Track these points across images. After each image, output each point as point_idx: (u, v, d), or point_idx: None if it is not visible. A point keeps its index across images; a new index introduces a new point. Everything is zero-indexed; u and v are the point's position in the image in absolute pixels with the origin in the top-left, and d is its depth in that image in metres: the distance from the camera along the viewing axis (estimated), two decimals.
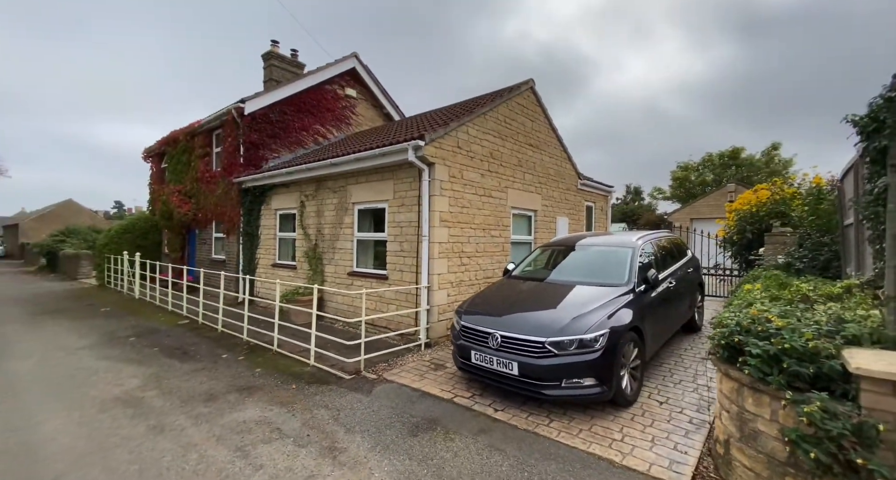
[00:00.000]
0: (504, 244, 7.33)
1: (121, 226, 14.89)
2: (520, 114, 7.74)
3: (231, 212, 10.42)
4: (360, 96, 12.61)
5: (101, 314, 8.83)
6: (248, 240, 10.03)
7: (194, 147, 12.21)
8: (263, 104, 10.15)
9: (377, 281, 6.74)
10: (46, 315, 8.72)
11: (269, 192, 9.59)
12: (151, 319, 8.30)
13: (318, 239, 8.15)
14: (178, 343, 6.45)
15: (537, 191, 8.25)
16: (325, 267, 7.95)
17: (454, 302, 6.20)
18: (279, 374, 4.92)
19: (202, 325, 7.66)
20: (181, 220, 12.20)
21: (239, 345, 6.29)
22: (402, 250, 6.31)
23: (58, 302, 10.42)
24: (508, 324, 3.77)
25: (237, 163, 10.20)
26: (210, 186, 11.32)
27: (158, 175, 15.30)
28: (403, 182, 6.29)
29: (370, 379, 4.63)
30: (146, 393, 4.35)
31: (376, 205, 6.93)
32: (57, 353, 5.80)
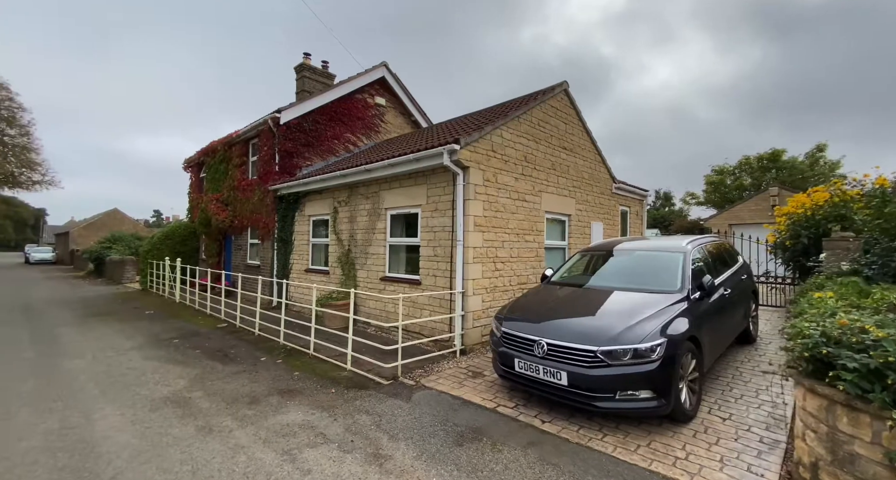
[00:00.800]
0: (538, 249, 7.16)
1: (162, 232, 15.65)
2: (553, 117, 7.60)
3: (266, 218, 10.73)
4: (389, 104, 12.81)
5: (146, 317, 9.23)
6: (283, 245, 10.28)
7: (232, 156, 12.71)
8: (297, 114, 10.46)
9: (410, 286, 6.71)
10: (96, 317, 9.19)
11: (302, 199, 9.82)
12: (192, 322, 8.59)
13: (350, 244, 8.24)
14: (218, 345, 6.62)
15: (571, 195, 8.05)
16: (357, 272, 8.01)
17: (489, 309, 6.08)
18: (317, 378, 4.93)
19: (240, 328, 7.85)
20: (219, 227, 12.67)
21: (276, 349, 6.39)
22: (436, 255, 6.26)
23: (106, 305, 10.98)
24: (554, 331, 3.62)
25: (272, 170, 10.52)
26: (246, 194, 11.72)
27: (197, 184, 16.01)
28: (437, 186, 6.27)
29: (408, 386, 4.57)
30: (192, 393, 4.44)
31: (409, 210, 6.93)
32: (108, 353, 6.06)
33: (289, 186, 9.75)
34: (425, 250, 6.46)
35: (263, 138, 10.99)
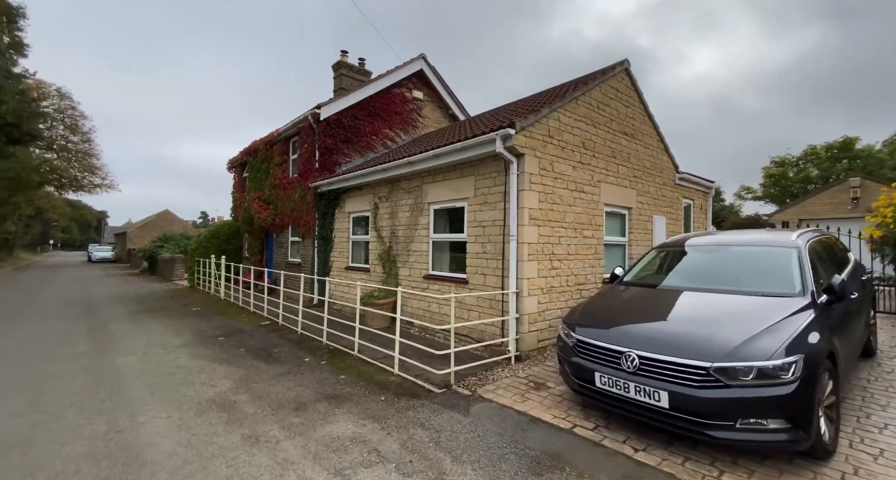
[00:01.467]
0: (597, 246, 6.49)
1: (208, 231, 16.18)
2: (613, 99, 6.89)
3: (307, 216, 10.67)
4: (427, 98, 12.45)
5: (193, 313, 9.39)
6: (323, 243, 10.17)
7: (273, 155, 12.84)
8: (337, 110, 10.31)
9: (455, 285, 6.27)
10: (147, 313, 9.46)
11: (342, 196, 9.64)
12: (236, 319, 8.61)
13: (391, 241, 7.92)
14: (262, 344, 6.48)
15: (632, 185, 7.29)
16: (399, 270, 7.67)
17: (545, 311, 5.52)
18: (364, 383, 4.59)
19: (282, 326, 7.74)
20: (261, 225, 12.84)
21: (319, 349, 6.15)
22: (485, 252, 5.77)
23: (156, 302, 11.37)
24: (646, 342, 3.03)
25: (312, 168, 10.44)
26: (287, 192, 11.77)
27: (240, 184, 16.42)
28: (486, 178, 5.78)
29: (464, 396, 4.11)
30: (238, 396, 4.22)
31: (454, 205, 6.49)
32: (157, 350, 6.05)
33: (329, 183, 9.60)
34: (473, 246, 5.99)
35: (303, 135, 10.96)
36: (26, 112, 15.50)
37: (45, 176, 27.00)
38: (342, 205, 9.66)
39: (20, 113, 15.07)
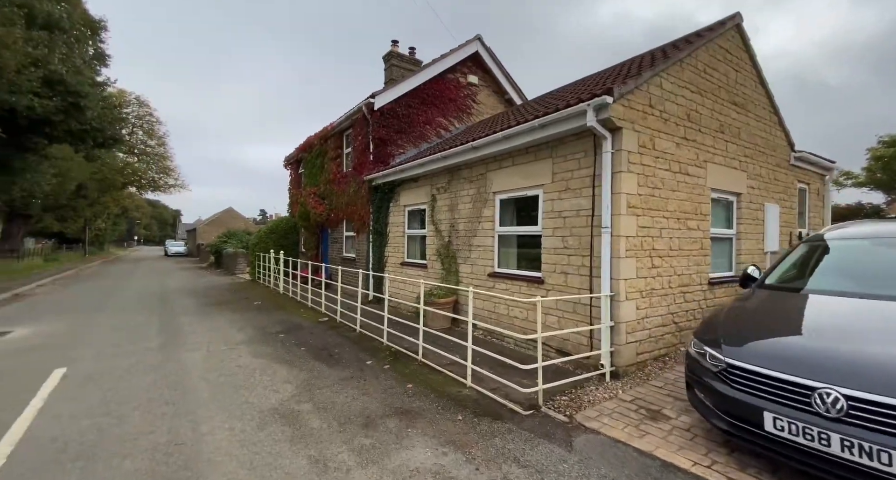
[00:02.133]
0: (702, 240, 5.42)
1: (267, 227, 16.71)
2: (722, 62, 5.71)
3: (361, 210, 10.42)
4: (482, 83, 11.68)
5: (254, 308, 9.48)
6: (378, 237, 9.85)
7: (327, 150, 12.79)
8: (390, 98, 9.89)
9: (528, 284, 5.53)
10: (213, 306, 9.71)
11: (397, 188, 9.22)
12: (294, 314, 8.53)
13: (451, 235, 7.33)
14: (321, 343, 6.20)
15: (741, 167, 6.06)
16: (459, 267, 7.07)
17: (644, 319, 4.61)
18: (435, 396, 4.04)
19: (340, 324, 7.47)
20: (316, 220, 12.89)
21: (380, 350, 5.73)
22: (566, 247, 4.97)
23: (221, 295, 11.76)
24: (852, 373, 2.13)
25: (367, 160, 10.14)
26: (341, 186, 11.63)
27: (296, 180, 16.75)
28: (568, 159, 4.96)
29: (559, 422, 3.40)
30: (301, 405, 3.84)
31: (525, 193, 5.73)
32: (221, 347, 5.95)
33: (384, 175, 9.21)
34: (550, 241, 5.21)
35: (357, 127, 10.69)
36: (109, 117, 16.87)
37: (127, 177, 29.83)
38: (397, 199, 9.24)
39: (104, 118, 16.44)
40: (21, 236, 25.29)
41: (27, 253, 24.10)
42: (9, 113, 12.89)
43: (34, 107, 13.24)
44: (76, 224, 32.19)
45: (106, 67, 19.28)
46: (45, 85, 13.79)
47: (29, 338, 6.50)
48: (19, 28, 11.31)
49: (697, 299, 5.33)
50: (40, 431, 3.29)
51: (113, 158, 26.90)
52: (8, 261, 19.51)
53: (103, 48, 18.93)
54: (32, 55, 12.56)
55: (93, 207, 30.19)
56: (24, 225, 25.57)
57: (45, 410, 3.71)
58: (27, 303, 10.18)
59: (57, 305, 9.93)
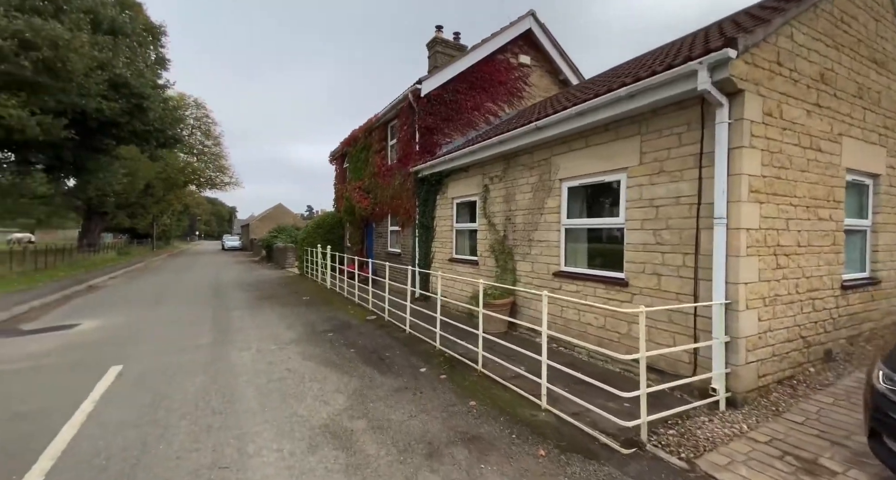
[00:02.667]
0: (835, 233, 4.33)
1: (314, 222, 16.90)
2: (861, 9, 4.52)
3: (406, 203, 9.99)
4: (535, 63, 10.76)
5: (303, 303, 9.39)
6: (424, 232, 9.36)
7: (371, 142, 12.50)
8: (438, 83, 9.30)
9: (605, 287, 4.74)
10: (264, 300, 9.74)
11: (445, 180, 8.65)
12: (342, 310, 8.29)
13: (507, 229, 6.65)
14: (371, 344, 5.81)
15: (881, 141, 4.83)
16: (517, 265, 6.38)
17: (767, 332, 3.68)
18: (506, 419, 3.43)
19: (388, 323, 7.08)
20: (361, 215, 12.69)
21: (433, 355, 5.23)
22: (659, 243, 4.13)
23: (271, 289, 11.90)
24: None
25: (412, 151, 9.66)
26: (386, 179, 11.27)
27: (341, 175, 16.74)
28: (663, 136, 4.09)
29: (676, 469, 2.65)
30: (354, 422, 3.40)
31: (601, 179, 4.91)
32: (270, 346, 5.73)
33: (430, 166, 8.67)
34: (637, 235, 4.38)
35: (402, 117, 10.22)
36: (170, 118, 17.81)
37: (188, 176, 31.85)
38: (444, 191, 8.68)
39: (165, 119, 17.37)
40: (98, 232, 27.79)
41: (104, 248, 26.45)
42: (80, 115, 13.83)
43: (102, 110, 14.12)
44: (145, 220, 35.01)
45: (166, 71, 20.37)
46: (112, 88, 14.67)
47: (93, 332, 6.69)
48: (86, 33, 12.01)
49: (828, 307, 4.28)
50: (84, 443, 3.08)
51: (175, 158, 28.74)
52: (87, 255, 21.41)
53: (163, 53, 19.99)
54: (98, 59, 13.35)
55: (159, 205, 32.60)
56: (100, 221, 28.07)
57: (94, 415, 3.54)
58: (98, 295, 10.82)
59: (123, 297, 10.45)
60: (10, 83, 11.44)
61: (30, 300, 9.28)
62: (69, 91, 12.58)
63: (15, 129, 11.66)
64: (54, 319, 7.74)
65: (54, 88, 12.14)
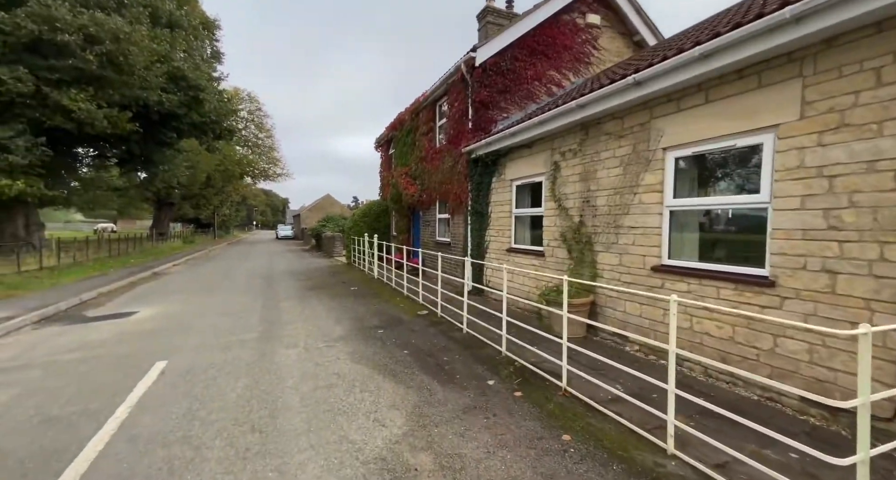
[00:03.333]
0: None
1: (360, 210, 16.64)
2: None
3: (457, 188, 9.14)
4: (605, 23, 9.31)
5: (351, 293, 8.95)
6: (477, 219, 8.48)
7: (418, 124, 11.74)
8: (495, 50, 8.25)
9: (737, 287, 3.59)
10: (312, 290, 9.45)
11: (502, 159, 7.67)
12: (391, 303, 7.70)
13: (584, 214, 5.59)
14: (426, 344, 5.11)
15: None
16: (597, 256, 5.33)
17: None
18: (618, 466, 2.53)
19: (442, 319, 6.35)
20: (408, 202, 12.05)
21: (500, 364, 4.39)
22: (834, 226, 2.94)
23: (320, 278, 11.69)
24: None
25: (464, 130, 8.74)
26: (434, 163, 10.48)
27: (387, 161, 16.25)
28: (845, 75, 2.87)
29: None
30: (417, 456, 2.66)
31: (730, 143, 3.72)
32: (318, 344, 5.21)
33: (486, 144, 7.72)
34: (793, 217, 3.19)
35: (454, 93, 9.31)
36: (224, 110, 18.28)
37: (243, 168, 33.33)
38: (502, 172, 7.71)
39: (220, 111, 17.85)
40: (167, 221, 29.97)
41: (171, 236, 28.44)
42: (143, 108, 14.40)
43: (162, 102, 14.60)
44: (207, 211, 37.37)
45: (220, 64, 20.94)
46: (170, 80, 15.13)
47: (147, 320, 6.61)
48: (145, 26, 12.28)
49: None
50: (107, 465, 2.61)
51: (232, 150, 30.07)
52: (156, 244, 22.99)
53: (218, 46, 20.53)
54: (157, 51, 13.72)
55: (219, 196, 34.57)
56: (169, 212, 30.23)
57: (127, 425, 3.12)
58: (161, 282, 11.18)
59: (182, 284, 10.68)
60: (79, 78, 12.00)
61: (100, 286, 9.67)
62: (131, 84, 13.05)
63: (85, 123, 12.28)
64: (117, 306, 7.88)
65: (118, 82, 12.63)
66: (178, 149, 20.64)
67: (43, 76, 11.45)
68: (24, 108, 11.64)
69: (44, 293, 8.62)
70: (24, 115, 11.72)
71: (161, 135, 16.85)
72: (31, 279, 10.09)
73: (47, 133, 12.38)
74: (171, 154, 20.28)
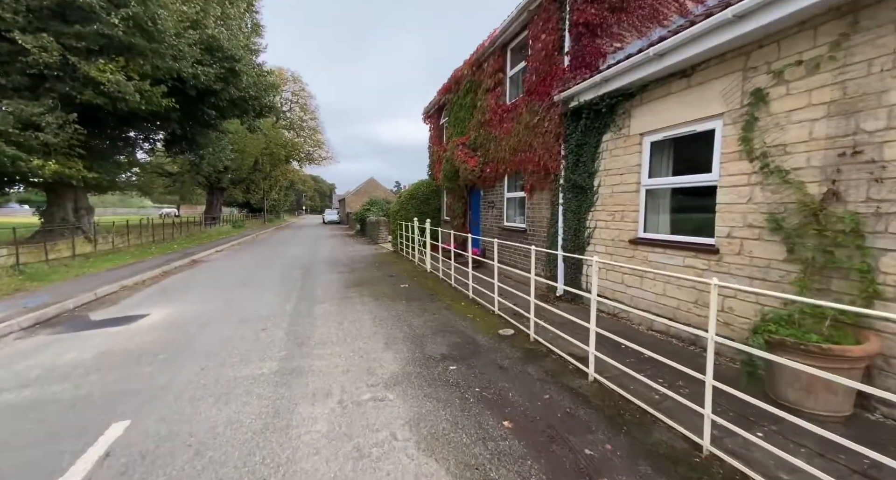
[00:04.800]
0: None
1: (408, 192, 14.70)
2: None
3: (540, 154, 6.74)
4: None
5: (402, 293, 7.01)
6: (575, 196, 6.08)
7: (481, 79, 9.34)
8: None
9: None
10: (355, 288, 7.64)
11: (625, 104, 5.16)
12: (456, 311, 5.63)
13: (839, 178, 3.04)
14: (535, 406, 2.97)
15: None
16: (875, 259, 2.80)
17: None
18: None
19: (539, 347, 4.16)
20: (468, 179, 9.80)
21: (696, 467, 2.12)
22: None
23: (365, 270, 9.92)
24: None
25: (556, 70, 6.26)
26: (503, 126, 8.11)
27: (437, 134, 14.06)
28: None
29: None
30: None
31: None
32: (361, 394, 3.25)
33: (602, 82, 5.23)
34: None
35: (539, 21, 6.80)
36: (263, 84, 16.95)
37: (288, 152, 32.78)
38: (623, 123, 5.22)
39: (259, 85, 16.53)
40: (219, 206, 30.24)
41: (222, 220, 28.59)
42: (178, 82, 13.27)
43: (198, 76, 13.38)
44: (257, 195, 37.71)
45: (260, 37, 19.63)
46: (206, 52, 13.86)
47: (149, 331, 5.07)
48: None
49: None
50: None
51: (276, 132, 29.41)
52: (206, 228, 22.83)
53: (258, 18, 19.18)
54: (187, 14, 12.37)
55: (267, 180, 34.51)
56: (220, 196, 30.48)
57: None
58: (195, 272, 9.99)
59: (214, 275, 9.39)
60: (106, 47, 10.92)
61: (127, 276, 8.57)
62: (163, 54, 11.85)
63: (117, 98, 11.26)
64: (131, 305, 6.54)
65: (148, 50, 11.45)
66: (221, 131, 19.89)
67: (69, 44, 10.46)
68: (55, 82, 10.77)
69: (61, 286, 7.56)
70: (55, 90, 10.88)
71: (201, 114, 15.89)
72: (60, 267, 9.25)
73: (82, 111, 11.55)
74: (215, 136, 19.55)
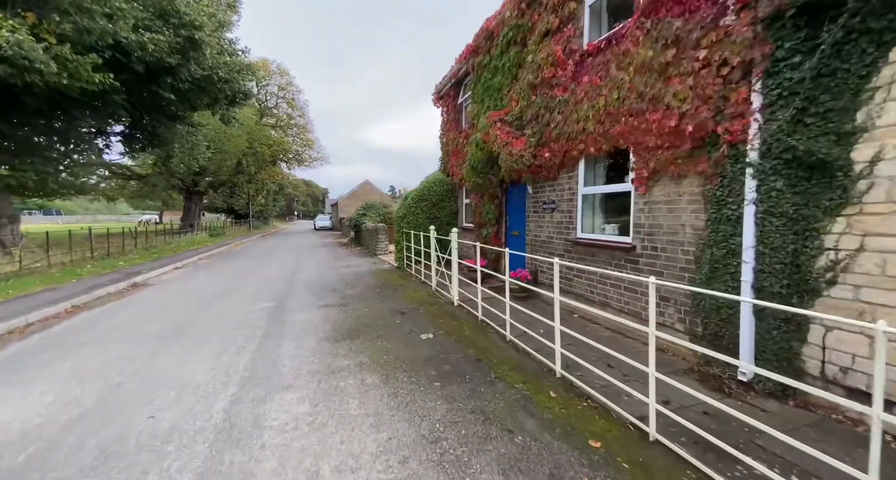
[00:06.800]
0: None
1: (417, 192, 11.69)
2: None
3: (689, 109, 3.75)
4: None
5: (430, 359, 3.94)
6: (798, 181, 3.08)
7: (534, 21, 6.38)
8: None
9: None
10: (346, 345, 4.58)
11: None
12: (558, 421, 2.59)
13: None
14: None
15: None
16: None
17: None
18: None
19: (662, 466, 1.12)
20: (511, 168, 6.80)
21: None
22: None
23: (363, 303, 6.85)
24: None
25: None
26: (580, 81, 5.14)
27: (452, 119, 11.11)
28: None
29: None
30: None
31: None
32: None
33: None
34: None
35: None
36: (237, 66, 13.98)
37: (275, 152, 29.69)
38: None
39: (231, 67, 13.58)
40: (197, 212, 27.02)
41: (200, 228, 25.32)
42: (122, 54, 10.23)
43: (144, 44, 10.33)
44: (241, 200, 34.48)
45: (236, 15, 16.67)
46: (158, 17, 10.85)
47: None
48: None
49: None
50: None
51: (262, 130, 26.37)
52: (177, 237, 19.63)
53: None
54: None
55: (252, 184, 31.32)
56: (199, 201, 27.27)
57: None
58: (107, 311, 6.82)
59: (140, 315, 6.28)
60: None
61: (5, 318, 5.48)
62: (89, 10, 8.85)
63: (22, 67, 8.19)
64: None
65: (66, 3, 8.45)
66: (192, 125, 16.81)
67: None
68: None
69: None
70: None
71: (159, 100, 12.84)
72: None
73: None
74: (185, 130, 16.47)
